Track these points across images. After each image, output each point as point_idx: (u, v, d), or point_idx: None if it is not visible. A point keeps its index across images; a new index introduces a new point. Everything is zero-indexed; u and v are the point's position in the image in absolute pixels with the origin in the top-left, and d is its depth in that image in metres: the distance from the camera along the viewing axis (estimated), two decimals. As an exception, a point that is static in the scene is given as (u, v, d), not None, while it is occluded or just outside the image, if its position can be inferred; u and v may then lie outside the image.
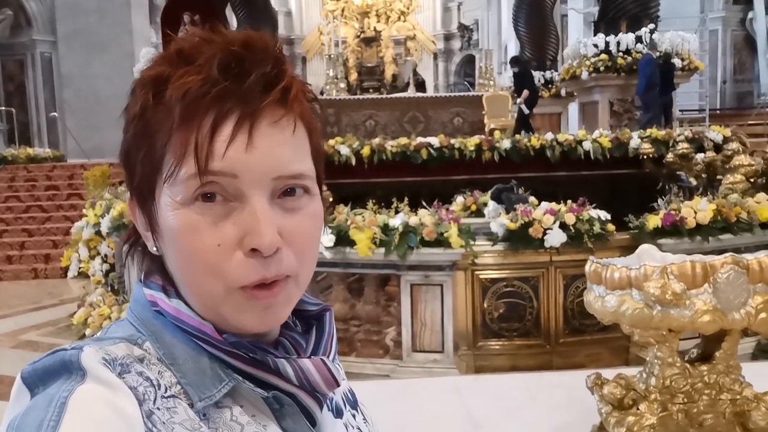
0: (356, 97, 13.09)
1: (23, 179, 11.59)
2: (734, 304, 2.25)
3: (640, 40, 10.90)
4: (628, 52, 10.87)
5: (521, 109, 11.39)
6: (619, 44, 10.94)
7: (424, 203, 4.77)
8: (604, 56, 10.89)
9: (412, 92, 13.96)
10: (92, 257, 6.89)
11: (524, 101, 11.41)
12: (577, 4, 15.49)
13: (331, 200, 4.89)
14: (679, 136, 7.48)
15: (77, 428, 0.49)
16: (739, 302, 2.25)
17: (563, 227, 4.28)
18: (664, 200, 4.66)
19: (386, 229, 4.29)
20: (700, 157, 6.52)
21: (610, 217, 4.43)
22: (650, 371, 2.48)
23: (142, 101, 0.60)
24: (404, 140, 7.64)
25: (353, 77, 22.80)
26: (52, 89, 16.22)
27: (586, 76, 11.12)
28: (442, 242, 4.23)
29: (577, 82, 11.64)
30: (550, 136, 7.75)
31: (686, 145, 6.91)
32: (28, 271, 9.03)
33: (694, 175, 6.52)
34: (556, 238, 4.25)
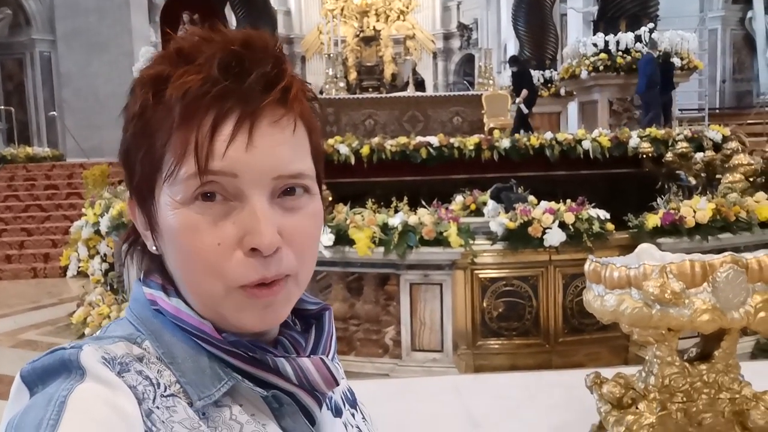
0: (355, 96, 13.09)
1: (22, 178, 11.59)
2: (733, 303, 2.25)
3: (639, 39, 10.91)
4: (627, 51, 10.88)
5: (520, 108, 11.38)
6: (618, 43, 10.96)
7: (423, 202, 4.77)
8: (603, 55, 10.90)
9: (411, 91, 13.95)
10: (91, 256, 6.89)
11: (523, 101, 11.41)
12: (576, 3, 15.47)
13: (330, 199, 4.89)
14: (678, 135, 7.48)
15: (76, 427, 0.49)
16: (738, 301, 2.25)
17: (562, 226, 4.28)
18: (663, 199, 4.66)
19: (385, 228, 4.29)
20: (699, 156, 6.52)
21: (609, 216, 4.44)
22: (649, 370, 2.48)
23: (141, 100, 0.60)
24: (403, 139, 7.64)
25: (353, 76, 22.80)
26: (51, 88, 16.22)
27: (585, 75, 11.14)
28: (441, 241, 4.23)
29: (576, 81, 11.65)
30: (549, 135, 7.75)
31: (685, 144, 6.92)
32: (27, 270, 9.03)
33: (693, 174, 6.52)
34: (555, 237, 4.25)
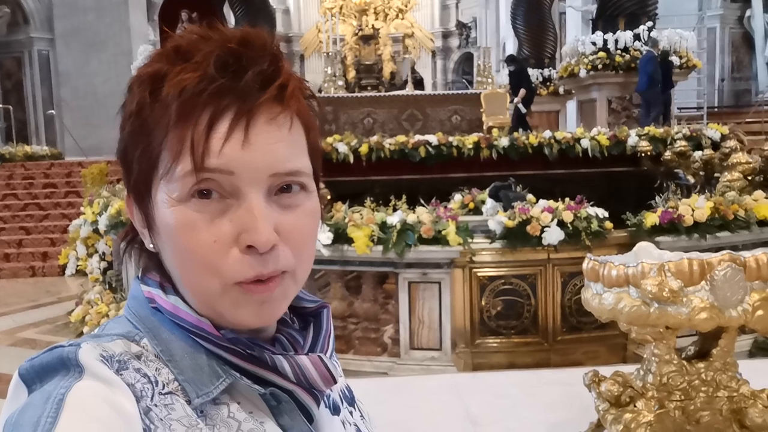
0: (354, 94, 13.06)
1: (21, 177, 11.57)
2: (731, 301, 2.25)
3: (638, 37, 10.92)
4: (626, 49, 10.88)
5: (518, 108, 11.39)
6: (617, 42, 10.96)
7: (422, 201, 4.77)
8: (602, 54, 10.90)
9: (410, 90, 13.94)
10: (90, 255, 6.89)
11: (521, 100, 11.41)
12: (575, 1, 15.47)
13: (329, 198, 4.89)
14: (677, 133, 7.49)
15: (75, 425, 0.49)
16: (736, 299, 2.26)
17: (561, 225, 4.29)
18: (661, 198, 4.67)
19: (384, 226, 4.29)
20: (697, 154, 6.52)
21: (607, 214, 4.44)
22: (647, 368, 2.48)
23: (138, 98, 0.60)
24: (402, 138, 7.63)
25: (351, 75, 22.78)
26: (49, 87, 16.20)
27: (584, 73, 11.14)
28: (440, 240, 4.24)
29: (575, 79, 11.64)
30: (548, 133, 7.75)
31: (684, 142, 6.91)
32: (25, 269, 9.02)
33: (691, 172, 6.52)
34: (553, 235, 4.25)
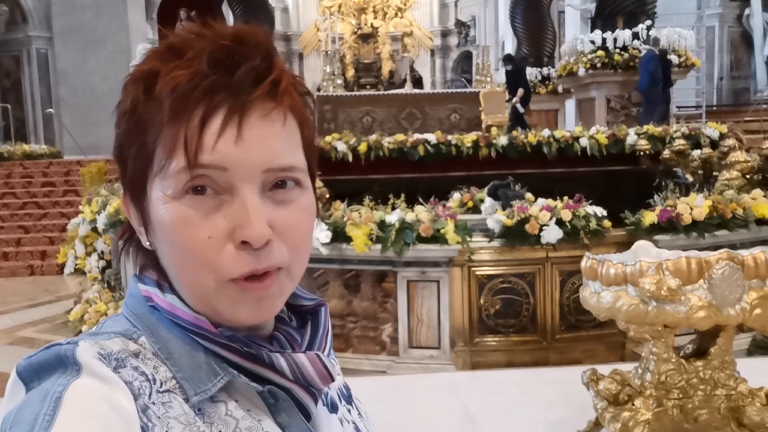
0: (353, 93, 13.03)
1: (19, 176, 11.56)
2: (729, 299, 2.25)
3: (636, 36, 10.91)
4: (624, 48, 10.88)
5: (516, 108, 11.39)
6: (615, 41, 10.95)
7: (420, 200, 4.77)
8: (600, 53, 10.89)
9: (409, 89, 13.90)
10: (89, 254, 6.89)
11: (519, 100, 11.42)
12: (574, 0, 15.48)
13: (327, 197, 4.89)
14: (675, 132, 7.49)
15: (72, 423, 0.49)
16: (734, 298, 2.26)
17: (559, 223, 4.29)
18: (660, 196, 4.67)
19: (383, 225, 4.29)
20: (696, 153, 6.52)
21: (606, 213, 4.44)
22: (645, 367, 2.48)
23: (133, 96, 0.60)
24: (401, 137, 7.63)
25: (350, 73, 22.78)
26: (48, 85, 16.19)
27: (583, 72, 11.13)
28: (438, 238, 4.24)
29: (574, 78, 11.64)
30: (546, 132, 7.75)
31: (683, 141, 6.91)
32: (24, 267, 9.01)
33: (690, 171, 6.52)
34: (552, 234, 4.26)
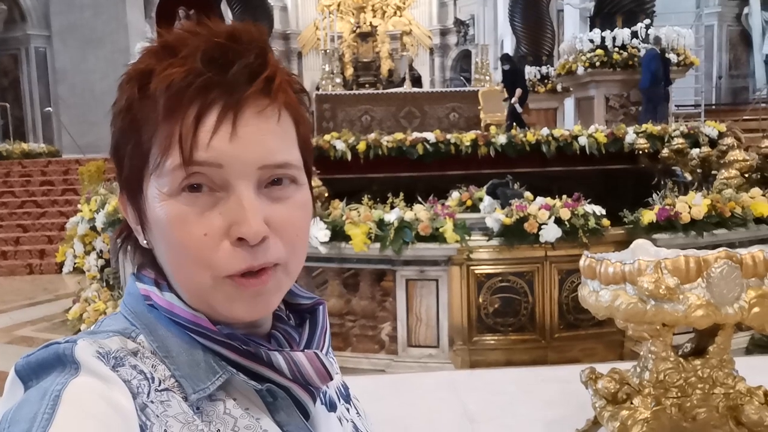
0: (352, 92, 13.03)
1: (18, 174, 11.55)
2: (727, 298, 2.26)
3: (635, 35, 10.92)
4: (623, 47, 10.88)
5: (514, 107, 11.39)
6: (614, 39, 10.95)
7: (419, 198, 4.77)
8: (599, 51, 10.89)
9: (408, 87, 13.91)
10: (87, 253, 6.88)
11: (518, 100, 11.43)
12: (573, -1, 15.48)
13: (326, 195, 4.88)
14: (674, 131, 7.49)
15: (71, 421, 0.49)
16: (732, 297, 2.26)
17: (558, 222, 4.29)
18: (659, 195, 4.66)
19: (382, 224, 4.29)
20: (695, 152, 6.52)
21: (605, 212, 4.44)
22: (644, 366, 2.49)
23: (128, 95, 0.60)
24: (400, 135, 7.63)
25: (349, 72, 22.76)
26: (46, 84, 16.17)
27: (581, 71, 11.13)
28: (437, 237, 4.24)
29: (572, 77, 11.64)
30: (545, 131, 7.75)
31: (681, 140, 6.92)
32: (23, 266, 9.01)
33: (689, 170, 6.53)
34: (551, 233, 4.26)
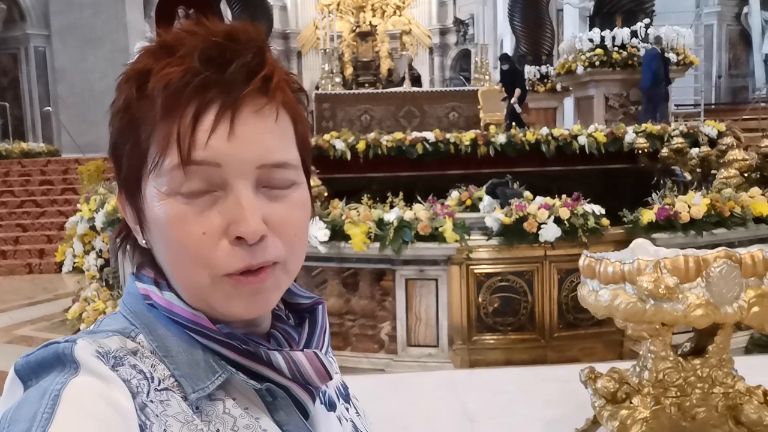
0: (352, 91, 13.03)
1: (17, 174, 11.53)
2: (727, 298, 2.26)
3: (635, 34, 10.92)
4: (623, 47, 10.88)
5: (514, 107, 11.40)
6: (614, 39, 10.96)
7: (419, 198, 4.77)
8: (599, 51, 10.90)
9: (407, 87, 13.91)
10: (87, 252, 6.88)
11: (517, 99, 11.43)
12: (572, -2, 15.47)
13: (326, 195, 4.89)
14: (674, 130, 7.50)
15: (71, 421, 0.49)
16: (731, 296, 2.26)
17: (558, 222, 4.29)
18: (658, 195, 4.67)
19: (381, 223, 4.29)
20: (694, 151, 6.53)
21: (604, 211, 4.44)
22: (643, 365, 2.49)
23: (126, 95, 0.60)
24: (400, 135, 7.64)
25: (349, 72, 22.77)
26: (46, 84, 16.16)
27: (581, 70, 11.13)
28: (436, 237, 4.24)
29: (572, 76, 11.64)
30: (545, 130, 7.76)
31: (681, 139, 6.93)
32: (22, 266, 9.00)
33: (688, 169, 6.53)
34: (550, 232, 4.26)
